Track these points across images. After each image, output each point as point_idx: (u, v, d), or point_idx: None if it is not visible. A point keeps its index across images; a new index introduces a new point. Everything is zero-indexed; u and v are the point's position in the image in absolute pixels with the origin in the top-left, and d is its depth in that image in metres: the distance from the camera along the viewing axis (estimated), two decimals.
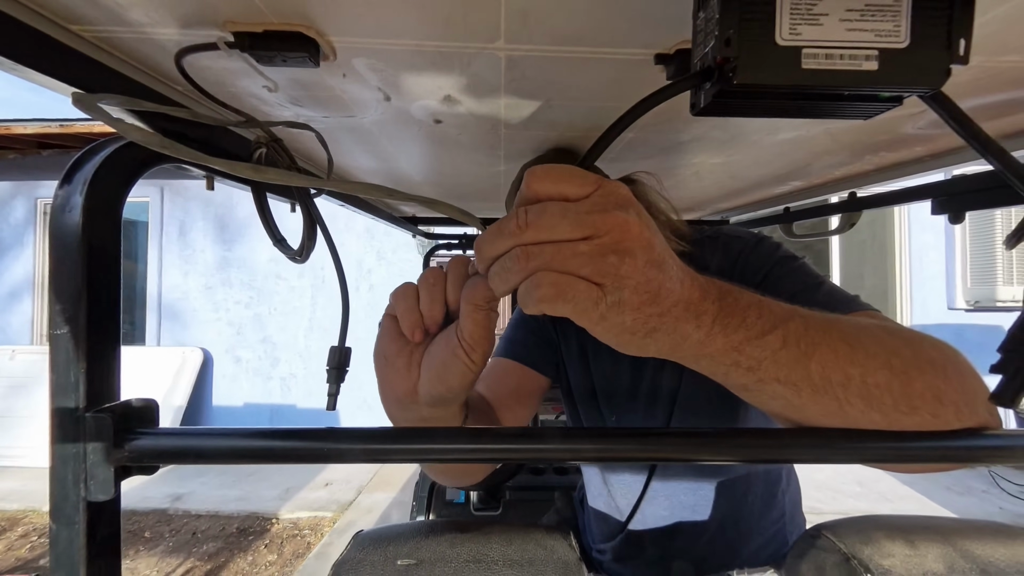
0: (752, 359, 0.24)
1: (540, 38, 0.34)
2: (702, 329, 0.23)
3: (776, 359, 0.24)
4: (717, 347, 0.24)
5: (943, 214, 0.57)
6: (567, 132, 0.58)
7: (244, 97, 0.46)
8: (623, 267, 0.21)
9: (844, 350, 0.26)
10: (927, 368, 0.28)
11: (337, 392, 0.40)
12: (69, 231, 0.27)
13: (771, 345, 0.24)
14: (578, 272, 0.21)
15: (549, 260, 0.21)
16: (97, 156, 0.29)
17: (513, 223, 0.22)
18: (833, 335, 0.26)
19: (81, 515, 0.27)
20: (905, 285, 3.55)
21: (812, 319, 0.26)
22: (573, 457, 0.29)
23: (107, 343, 0.29)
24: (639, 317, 0.22)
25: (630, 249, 0.21)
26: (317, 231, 0.42)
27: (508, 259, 0.22)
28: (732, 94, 0.22)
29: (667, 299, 0.22)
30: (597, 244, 0.21)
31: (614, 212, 0.21)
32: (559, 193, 0.22)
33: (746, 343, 0.24)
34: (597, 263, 0.21)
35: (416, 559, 0.32)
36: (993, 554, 0.33)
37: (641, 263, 0.21)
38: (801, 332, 0.25)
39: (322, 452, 0.27)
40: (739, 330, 0.24)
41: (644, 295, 0.22)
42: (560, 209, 0.21)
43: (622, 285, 0.21)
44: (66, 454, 0.27)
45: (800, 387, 0.25)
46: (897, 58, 0.20)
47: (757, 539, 0.63)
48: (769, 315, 0.25)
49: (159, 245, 3.79)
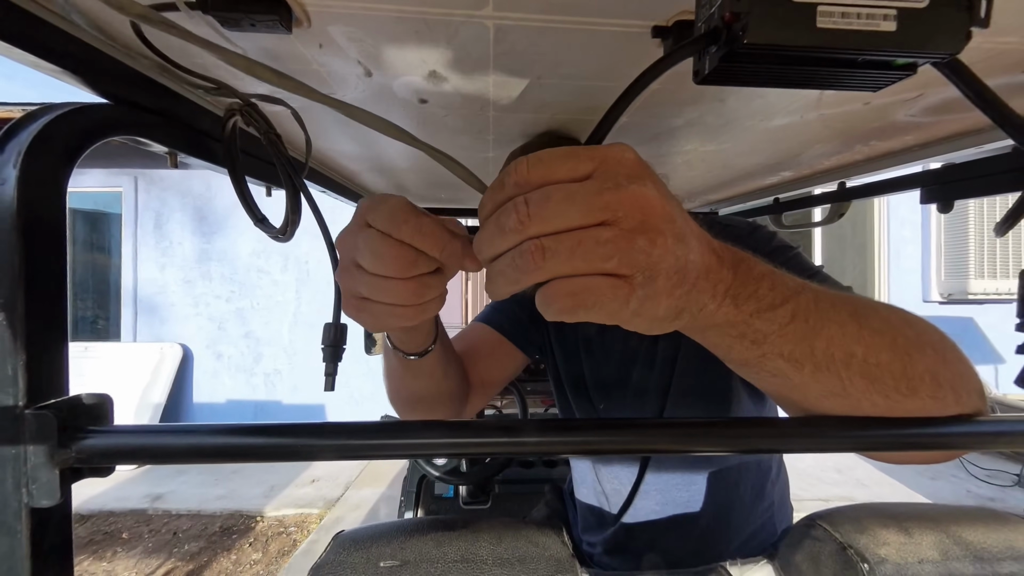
0: (758, 332, 0.23)
1: (530, 5, 0.32)
2: (716, 299, 0.21)
3: (783, 333, 0.23)
4: (726, 317, 0.22)
5: (931, 203, 0.57)
6: (559, 114, 0.56)
7: (212, 69, 0.43)
8: (655, 251, 0.18)
9: (851, 327, 0.25)
10: (928, 350, 0.27)
11: (334, 372, 0.37)
12: (1, 208, 0.24)
13: (780, 319, 0.23)
14: (604, 266, 0.18)
15: (569, 256, 0.18)
16: (34, 123, 0.26)
17: (513, 216, 0.19)
18: (842, 311, 0.25)
19: (23, 523, 0.25)
20: (883, 278, 3.65)
21: (822, 294, 0.25)
22: (566, 450, 0.27)
23: (51, 333, 0.26)
24: (671, 302, 0.20)
25: (657, 227, 0.18)
26: (302, 203, 0.39)
27: (518, 256, 0.19)
28: (740, 56, 0.20)
29: (692, 273, 0.20)
30: (620, 229, 0.18)
31: (628, 186, 0.18)
32: (558, 177, 0.19)
33: (756, 315, 0.22)
34: (625, 252, 0.18)
35: (400, 560, 0.30)
36: (986, 540, 0.33)
37: (671, 242, 0.19)
38: (811, 307, 0.24)
39: (294, 449, 0.25)
40: (750, 300, 0.22)
41: (675, 276, 0.19)
42: (565, 192, 0.18)
43: (655, 273, 0.19)
44: (3, 456, 0.24)
45: (803, 364, 0.24)
46: (916, 18, 0.19)
47: (747, 529, 0.63)
48: (781, 287, 0.23)
49: (134, 237, 3.65)
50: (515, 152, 0.65)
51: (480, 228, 0.21)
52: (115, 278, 3.71)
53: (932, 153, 0.65)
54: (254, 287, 3.66)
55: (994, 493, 2.72)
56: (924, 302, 3.59)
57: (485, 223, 0.20)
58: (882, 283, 3.65)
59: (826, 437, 0.28)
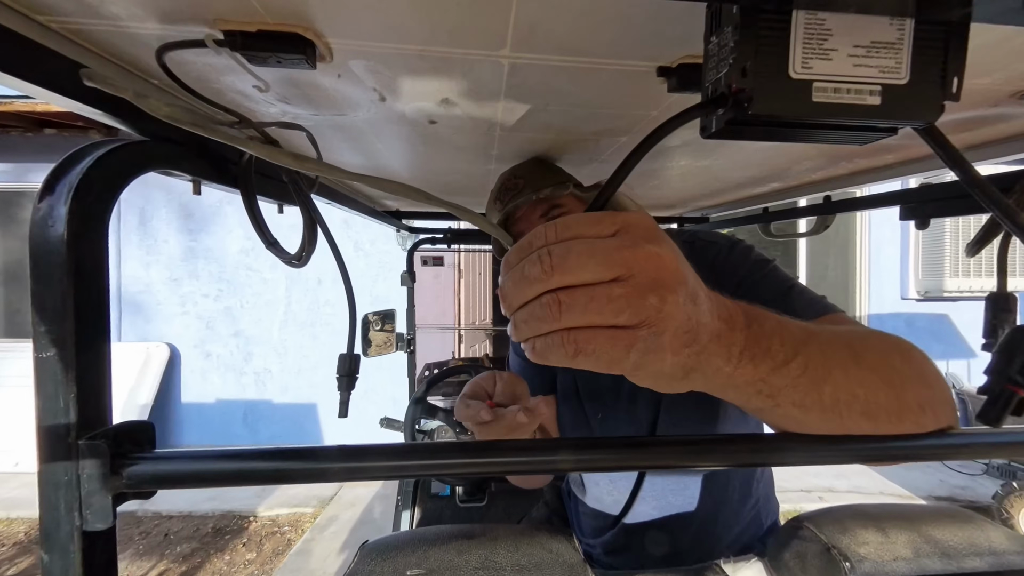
0: (773, 386, 0.24)
1: (545, 48, 0.34)
2: (731, 362, 0.23)
3: (795, 385, 0.25)
4: (745, 378, 0.24)
5: (910, 220, 0.61)
6: (561, 135, 0.58)
7: (227, 93, 0.43)
8: (665, 307, 0.20)
9: (853, 370, 0.27)
10: (918, 380, 0.30)
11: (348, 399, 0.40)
12: (53, 247, 0.25)
13: (792, 373, 0.24)
14: (616, 320, 0.20)
15: (583, 311, 0.19)
16: (82, 163, 0.27)
17: (538, 267, 0.20)
18: (843, 354, 0.27)
19: (76, 544, 0.26)
20: (864, 276, 3.78)
21: (827, 341, 0.27)
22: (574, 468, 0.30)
23: (97, 365, 0.27)
24: (678, 360, 0.21)
25: (669, 285, 0.20)
26: (318, 233, 0.40)
27: (538, 307, 0.20)
28: (744, 122, 0.23)
29: (704, 335, 0.21)
30: (633, 285, 0.19)
31: (644, 246, 0.20)
32: (582, 237, 0.20)
33: (771, 373, 0.24)
34: (636, 307, 0.19)
35: (425, 568, 0.32)
36: (952, 539, 0.36)
37: (681, 299, 0.20)
38: (818, 358, 0.25)
39: (335, 471, 0.27)
40: (765, 360, 0.24)
41: (683, 337, 0.20)
42: (587, 247, 0.20)
43: (663, 328, 0.20)
44: (58, 482, 0.26)
45: (811, 409, 0.26)
46: (898, 93, 0.22)
47: (736, 526, 0.66)
48: (791, 340, 0.25)
49: (116, 234, 3.55)
50: (503, 175, 0.67)
51: (506, 278, 0.22)
52: None
53: (911, 171, 0.69)
54: (243, 285, 3.60)
55: (965, 482, 2.86)
56: (902, 299, 3.73)
57: (510, 273, 0.22)
58: (862, 281, 3.78)
59: (813, 452, 0.31)
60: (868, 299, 3.78)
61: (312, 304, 3.62)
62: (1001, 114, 0.46)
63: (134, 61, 0.37)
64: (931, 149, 0.24)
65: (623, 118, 0.50)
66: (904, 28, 0.21)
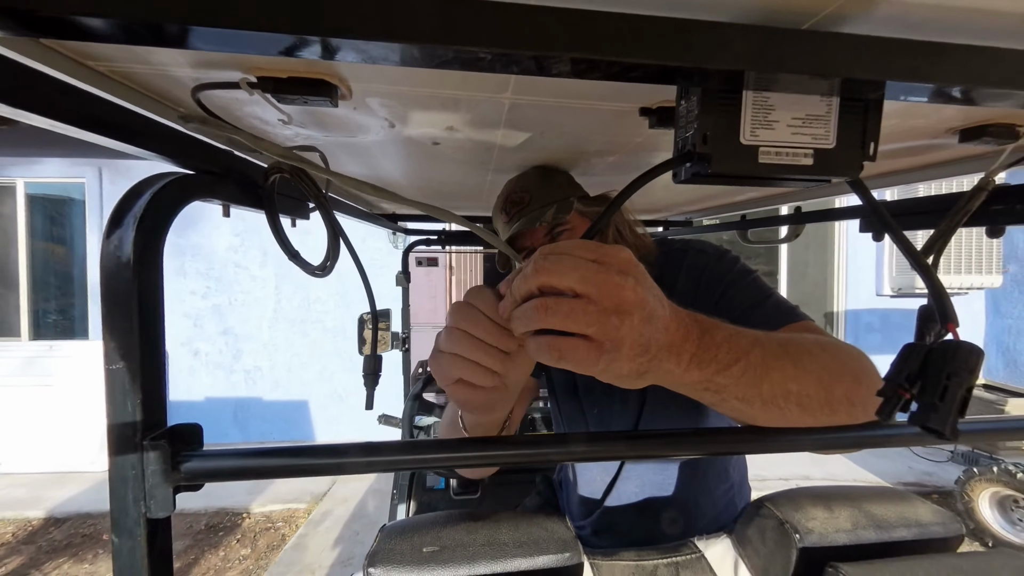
0: (719, 384, 0.30)
1: (543, 90, 0.39)
2: (681, 366, 0.29)
3: (738, 383, 0.31)
4: (693, 379, 0.30)
5: (867, 232, 0.68)
6: (554, 155, 0.63)
7: (247, 119, 0.47)
8: (623, 328, 0.26)
9: (789, 370, 0.33)
10: (847, 377, 0.36)
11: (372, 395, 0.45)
12: (122, 271, 0.29)
13: (735, 374, 0.30)
14: (585, 331, 0.26)
15: (564, 318, 0.26)
16: (144, 195, 0.31)
17: (531, 267, 0.27)
18: (782, 358, 0.33)
19: (142, 530, 0.31)
20: (842, 274, 3.93)
21: (768, 347, 0.33)
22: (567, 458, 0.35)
23: (157, 374, 0.32)
24: (633, 366, 0.27)
25: (628, 310, 0.26)
26: (340, 246, 0.45)
27: (530, 308, 0.27)
28: (706, 175, 0.28)
29: (654, 347, 0.27)
30: (601, 307, 0.25)
31: (614, 276, 0.26)
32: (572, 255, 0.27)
33: (716, 374, 0.30)
34: (601, 324, 0.25)
35: (439, 546, 0.38)
36: (886, 513, 0.43)
37: (636, 322, 0.26)
38: (759, 361, 0.31)
39: (353, 465, 0.32)
40: (711, 364, 0.30)
41: (637, 348, 0.27)
42: (575, 263, 0.26)
43: (621, 344, 0.26)
44: (126, 476, 0.30)
45: (752, 402, 0.32)
46: (827, 155, 0.27)
47: (712, 509, 0.73)
48: (736, 348, 0.31)
49: (99, 230, 3.48)
50: (510, 181, 0.72)
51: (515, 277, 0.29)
52: (80, 273, 3.54)
53: (874, 186, 0.76)
54: (232, 283, 3.58)
55: (932, 468, 3.03)
56: (877, 295, 3.90)
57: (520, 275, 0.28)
58: (840, 278, 3.93)
59: (770, 442, 0.37)
60: (845, 295, 3.94)
61: (303, 301, 3.61)
62: (940, 144, 0.53)
63: (166, 95, 0.40)
64: (858, 197, 0.30)
65: (611, 143, 0.55)
66: (831, 105, 0.26)
